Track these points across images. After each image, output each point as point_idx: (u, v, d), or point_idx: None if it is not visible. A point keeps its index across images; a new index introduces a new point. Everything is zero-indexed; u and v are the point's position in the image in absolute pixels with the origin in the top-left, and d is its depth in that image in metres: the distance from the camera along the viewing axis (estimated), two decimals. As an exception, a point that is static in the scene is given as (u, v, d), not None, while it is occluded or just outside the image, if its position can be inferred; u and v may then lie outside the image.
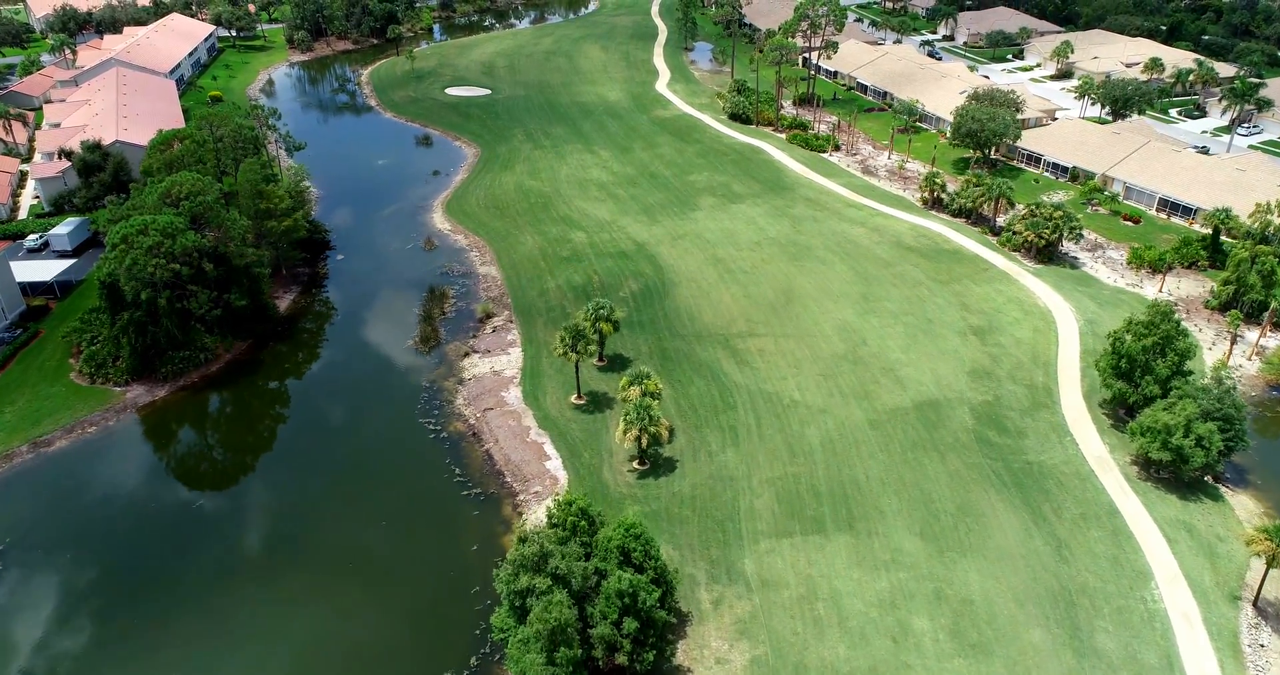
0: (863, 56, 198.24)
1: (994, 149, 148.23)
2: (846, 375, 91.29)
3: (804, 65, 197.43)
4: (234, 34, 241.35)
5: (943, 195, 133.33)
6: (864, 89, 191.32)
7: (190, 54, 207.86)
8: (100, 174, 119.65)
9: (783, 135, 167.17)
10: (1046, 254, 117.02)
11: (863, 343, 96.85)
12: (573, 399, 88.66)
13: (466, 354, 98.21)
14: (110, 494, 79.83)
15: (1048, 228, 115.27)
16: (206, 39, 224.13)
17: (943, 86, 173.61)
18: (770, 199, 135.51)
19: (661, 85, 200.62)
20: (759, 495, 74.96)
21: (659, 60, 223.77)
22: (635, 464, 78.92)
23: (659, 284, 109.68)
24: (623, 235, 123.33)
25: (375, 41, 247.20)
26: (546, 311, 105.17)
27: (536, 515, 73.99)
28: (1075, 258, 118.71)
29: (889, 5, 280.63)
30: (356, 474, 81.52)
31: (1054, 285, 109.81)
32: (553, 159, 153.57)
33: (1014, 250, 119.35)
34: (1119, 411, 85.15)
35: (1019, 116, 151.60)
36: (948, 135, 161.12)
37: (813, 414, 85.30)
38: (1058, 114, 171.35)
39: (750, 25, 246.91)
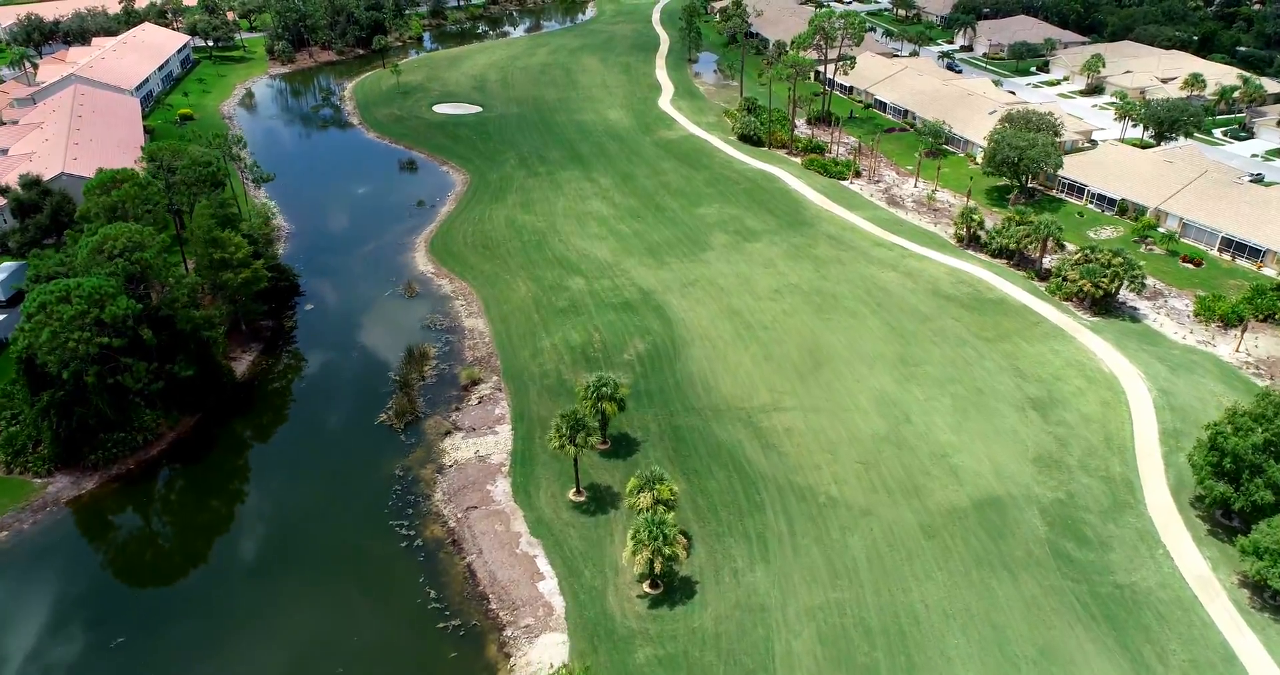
0: (880, 71, 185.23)
1: (1032, 178, 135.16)
2: (890, 463, 78.19)
3: (817, 79, 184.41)
4: (210, 44, 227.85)
5: (980, 232, 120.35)
6: (882, 106, 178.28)
7: (161, 67, 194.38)
8: (37, 216, 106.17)
9: (798, 159, 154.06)
10: (1103, 305, 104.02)
11: (906, 420, 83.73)
12: (571, 495, 75.50)
13: (448, 432, 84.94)
14: (10, 624, 66.55)
15: (1105, 276, 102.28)
16: (180, 50, 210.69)
17: (969, 105, 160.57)
18: (789, 236, 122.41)
19: (665, 102, 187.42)
20: (797, 633, 61.80)
21: (661, 73, 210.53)
22: (646, 587, 65.77)
23: (669, 343, 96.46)
24: (626, 281, 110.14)
25: (361, 52, 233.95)
26: (540, 377, 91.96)
27: (526, 659, 60.85)
28: (1134, 308, 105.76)
29: (901, 14, 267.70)
30: (312, 597, 68.28)
31: (1116, 343, 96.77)
32: (548, 188, 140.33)
33: (1065, 299, 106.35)
34: (1217, 513, 72.17)
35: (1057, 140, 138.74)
36: (977, 160, 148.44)
37: (855, 517, 72.19)
38: (1095, 135, 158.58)
39: (757, 35, 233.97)
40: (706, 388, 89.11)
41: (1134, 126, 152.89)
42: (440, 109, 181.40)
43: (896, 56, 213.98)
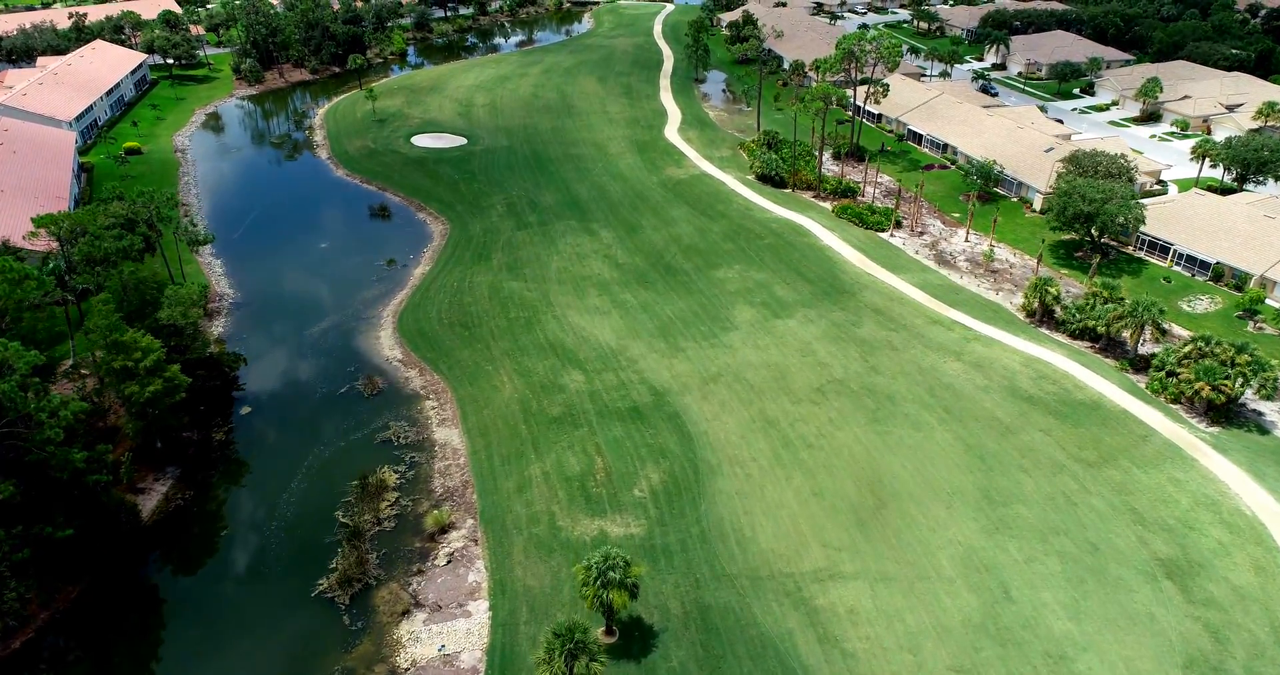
0: (912, 97, 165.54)
1: (1105, 232, 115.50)
2: (993, 670, 58.44)
3: (839, 105, 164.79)
4: (171, 63, 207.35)
5: (1055, 306, 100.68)
6: (917, 138, 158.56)
7: (109, 92, 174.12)
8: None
9: (827, 205, 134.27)
10: (1223, 412, 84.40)
11: (1005, 595, 64.01)
12: (567, 726, 55.73)
13: (406, 611, 64.89)
14: None
15: (1228, 378, 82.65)
16: (135, 71, 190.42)
17: (1020, 140, 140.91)
18: (827, 309, 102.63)
19: (672, 131, 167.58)
20: None
21: (666, 96, 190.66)
22: None
23: (690, 472, 76.57)
24: (634, 376, 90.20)
25: (337, 70, 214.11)
26: (528, 524, 72.05)
27: None
28: (1256, 411, 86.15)
29: (922, 27, 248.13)
30: None
31: (1250, 469, 77.14)
32: (540, 243, 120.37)
33: (1174, 402, 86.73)
34: None
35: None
36: (1034, 206, 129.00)
37: (958, 769, 52.49)
38: (1163, 175, 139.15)
39: (770, 51, 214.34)
40: (741, 541, 69.24)
41: (1212, 167, 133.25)
42: (420, 141, 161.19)
43: (924, 77, 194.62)
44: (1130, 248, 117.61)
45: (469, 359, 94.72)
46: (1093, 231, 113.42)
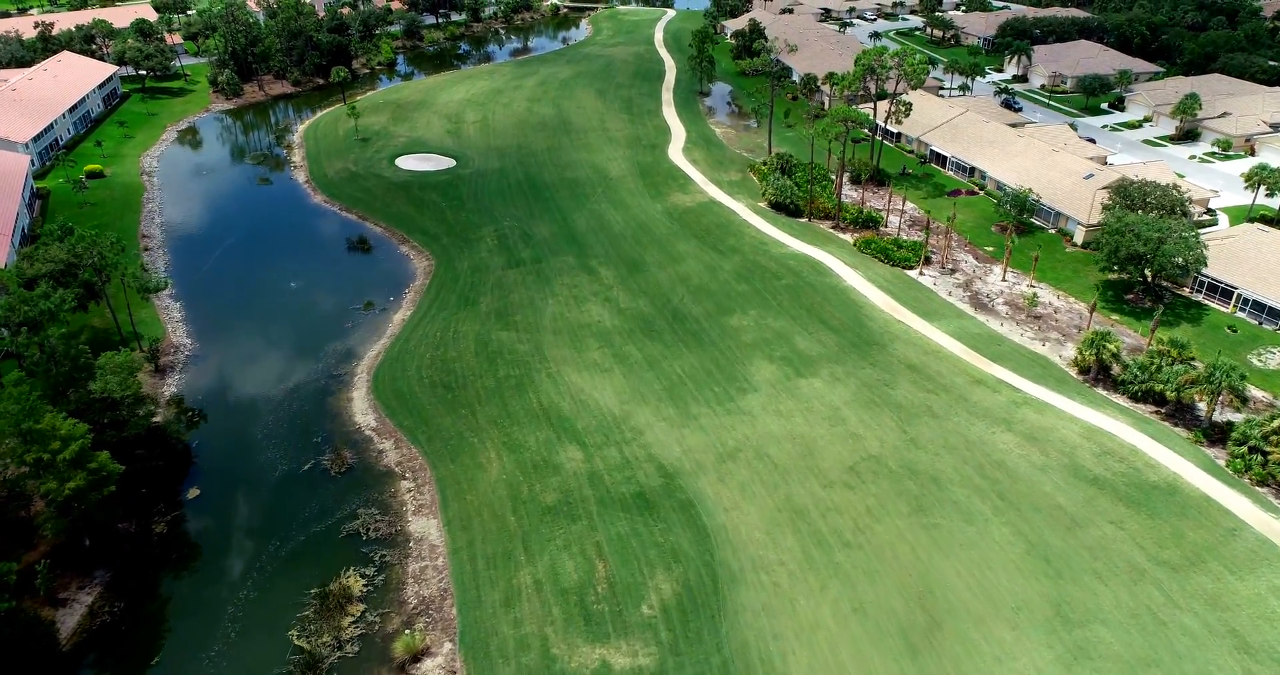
0: (934, 114, 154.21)
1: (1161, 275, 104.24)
2: None
3: (857, 124, 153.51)
4: (144, 74, 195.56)
5: (1114, 363, 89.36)
6: (940, 160, 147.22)
7: (73, 108, 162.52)
8: None
9: (848, 237, 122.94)
10: (1322, 498, 73.20)
11: (1095, 755, 52.78)
12: None
13: (368, 773, 53.68)
14: None
15: (1328, 459, 71.48)
16: (104, 84, 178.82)
17: (1055, 164, 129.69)
18: (855, 365, 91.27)
19: (676, 150, 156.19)
20: None
21: (669, 111, 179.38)
22: None
23: (708, 582, 65.14)
24: (641, 452, 78.79)
25: (321, 82, 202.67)
26: (516, 650, 60.58)
27: None
28: (1357, 494, 75.01)
29: (936, 35, 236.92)
30: None
31: (1362, 573, 66.00)
32: (533, 284, 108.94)
33: (1260, 484, 75.51)
34: None
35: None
36: (1075, 240, 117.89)
37: None
38: (1211, 203, 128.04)
39: (777, 60, 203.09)
40: (771, 676, 57.96)
41: (1269, 195, 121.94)
42: (405, 163, 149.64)
43: (942, 90, 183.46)
44: (1187, 290, 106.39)
45: (451, 428, 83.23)
46: (1146, 272, 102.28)
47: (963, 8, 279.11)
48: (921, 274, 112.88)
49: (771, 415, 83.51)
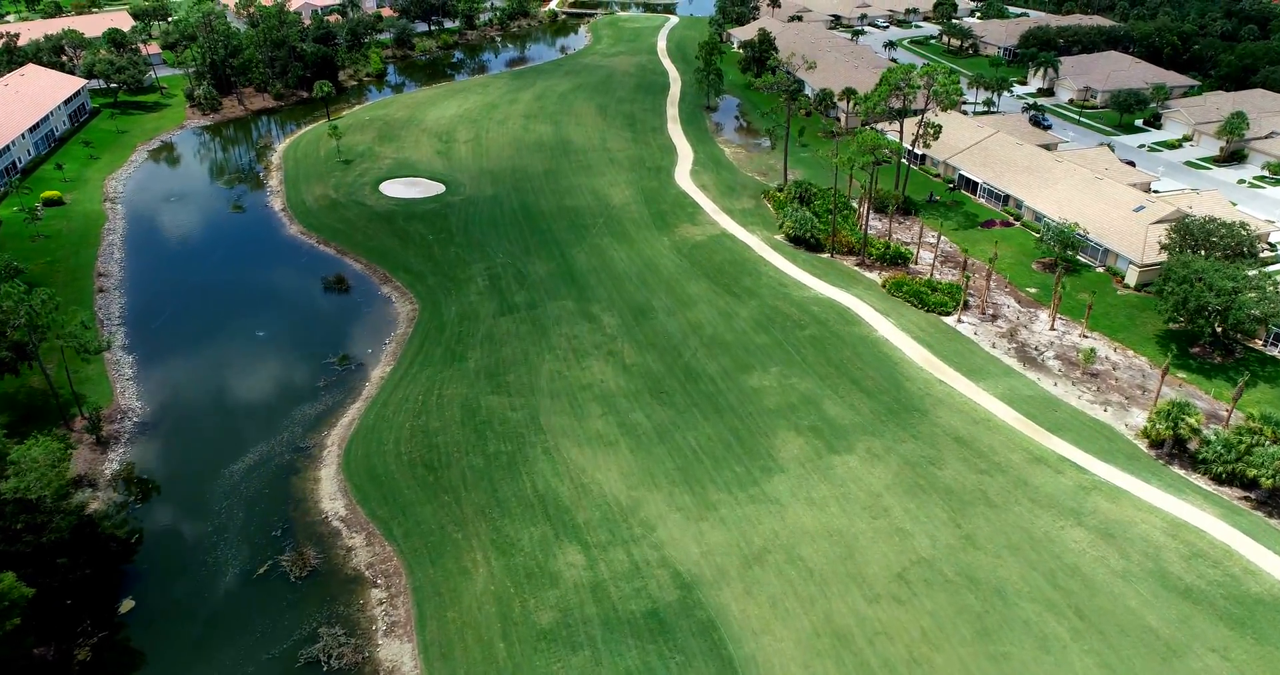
0: (961, 135, 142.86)
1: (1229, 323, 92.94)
2: None
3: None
4: (115, 88, 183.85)
5: (1192, 436, 78.11)
6: (970, 185, 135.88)
7: (34, 127, 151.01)
8: None
9: (875, 275, 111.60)
10: None
11: None
12: None
13: None
14: None
15: None
16: (70, 100, 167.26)
17: (1100, 193, 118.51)
18: (895, 436, 79.99)
19: (683, 173, 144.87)
20: None
21: (675, 128, 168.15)
22: None
23: (737, 738, 53.90)
24: (653, 553, 67.39)
25: (305, 95, 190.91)
26: None
27: None
28: None
29: (954, 44, 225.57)
30: None
31: None
32: (528, 335, 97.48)
33: (1383, 596, 64.26)
34: None
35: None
36: (1127, 282, 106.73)
37: None
38: (1272, 236, 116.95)
39: (789, 73, 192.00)
40: None
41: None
42: (390, 189, 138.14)
43: (966, 106, 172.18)
44: (1259, 342, 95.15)
45: (432, 519, 71.81)
46: (1215, 325, 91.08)
47: (977, 14, 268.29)
48: (960, 321, 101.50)
49: (803, 504, 72.15)
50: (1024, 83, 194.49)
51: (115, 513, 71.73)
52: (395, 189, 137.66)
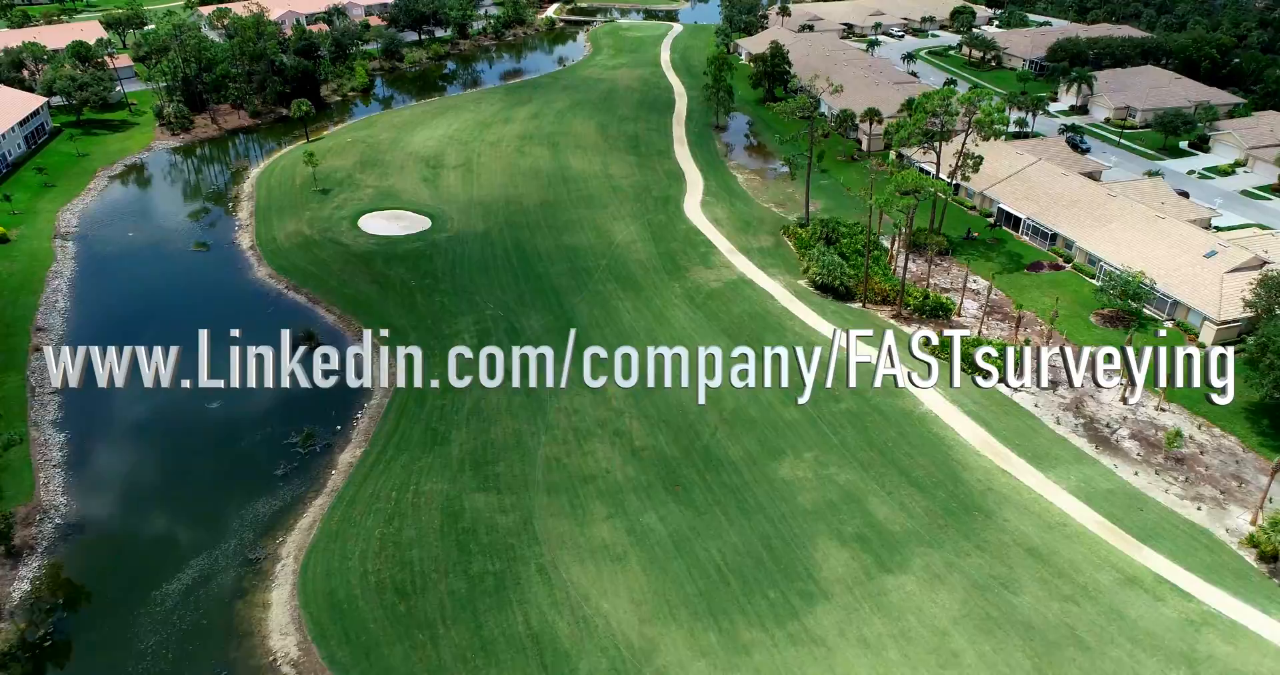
0: (999, 162, 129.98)
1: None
2: None
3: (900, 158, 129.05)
4: (79, 105, 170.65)
5: (1312, 552, 65.42)
6: (1011, 220, 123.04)
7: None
8: None
9: (914, 332, 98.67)
10: None
11: None
12: None
13: None
14: None
15: None
16: (27, 120, 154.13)
17: (1164, 236, 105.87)
18: (958, 549, 67.16)
19: (693, 204, 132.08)
20: None
21: (682, 150, 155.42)
22: None
23: None
24: (673, 721, 54.61)
25: (284, 112, 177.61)
26: None
27: None
28: None
29: (975, 56, 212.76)
30: None
31: None
32: (521, 409, 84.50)
33: None
34: None
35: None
36: (1199, 338, 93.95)
37: None
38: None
39: (805, 90, 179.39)
40: None
41: None
42: (371, 224, 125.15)
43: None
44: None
45: (402, 668, 58.80)
46: (1322, 402, 78.42)
47: (995, 22, 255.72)
48: (1016, 388, 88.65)
49: (854, 646, 59.26)
50: (1054, 99, 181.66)
51: (17, 655, 58.79)
52: (376, 224, 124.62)
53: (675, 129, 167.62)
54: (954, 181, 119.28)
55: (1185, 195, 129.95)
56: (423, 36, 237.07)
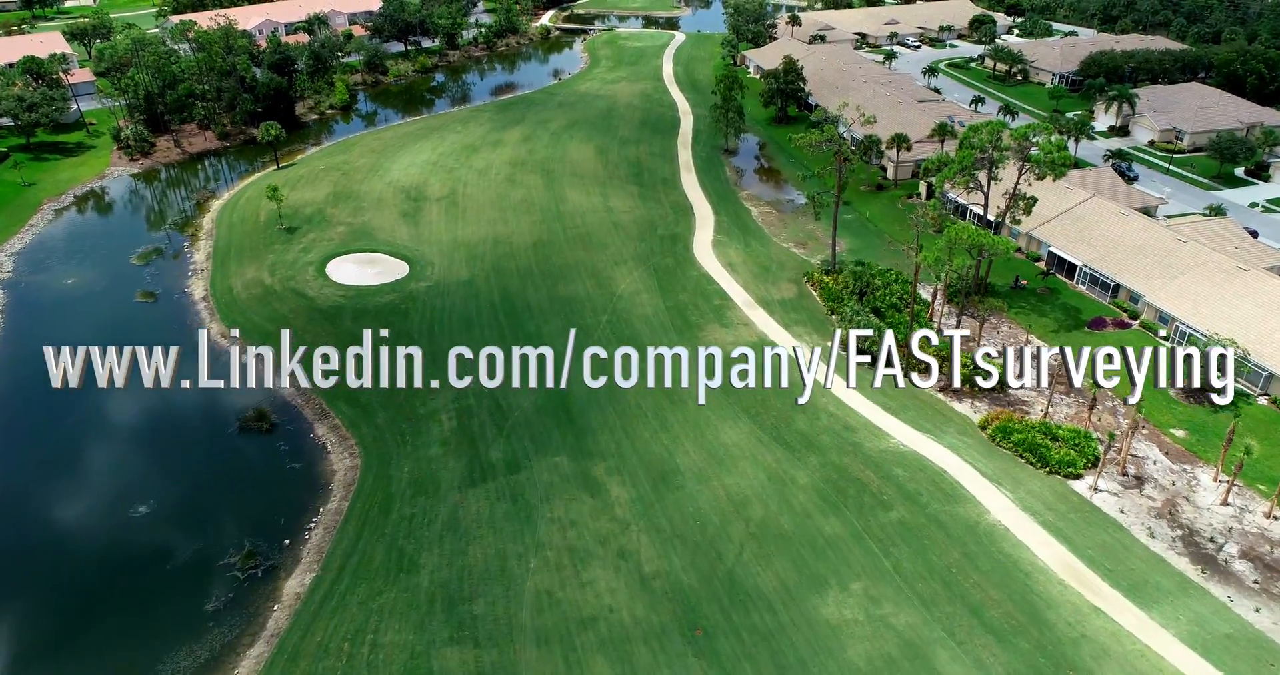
0: (1047, 199, 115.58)
1: None
2: None
3: (931, 194, 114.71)
4: (26, 127, 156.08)
5: None
6: (1063, 266, 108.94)
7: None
8: None
9: (966, 407, 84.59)
10: None
11: None
12: None
13: None
14: None
15: None
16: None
17: (1246, 291, 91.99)
18: (1053, 731, 53.13)
19: (704, 244, 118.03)
20: None
21: (689, 178, 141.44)
22: None
23: None
24: None
25: (255, 134, 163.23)
26: None
27: None
28: None
29: (999, 69, 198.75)
30: None
31: None
32: (506, 522, 70.20)
33: None
34: None
35: None
36: (1306, 421, 79.55)
37: None
38: None
39: (817, 107, 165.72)
40: None
41: None
42: (340, 271, 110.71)
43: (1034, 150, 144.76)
44: None
45: None
46: None
47: (1015, 31, 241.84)
48: (1096, 489, 74.59)
49: None
50: (1090, 118, 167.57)
51: None
52: (346, 271, 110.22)
53: (681, 153, 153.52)
54: (996, 218, 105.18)
55: (1254, 234, 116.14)
56: (409, 47, 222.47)
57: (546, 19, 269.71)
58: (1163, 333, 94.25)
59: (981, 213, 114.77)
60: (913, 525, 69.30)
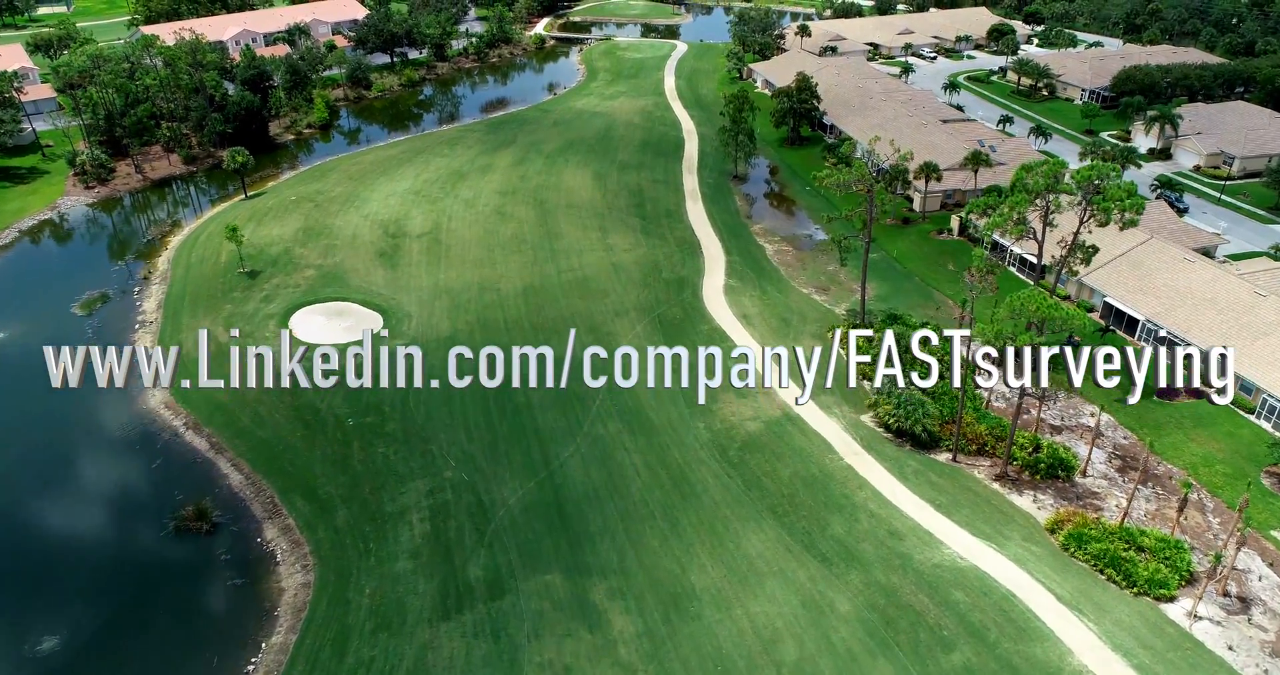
0: (1100, 241, 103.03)
1: None
2: None
3: (960, 229, 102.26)
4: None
5: None
6: (1123, 319, 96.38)
7: None
8: None
9: (1028, 503, 72.16)
10: None
11: None
12: None
13: None
14: None
15: None
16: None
17: (1347, 360, 79.50)
18: None
19: (714, 290, 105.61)
20: None
21: (696, 209, 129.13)
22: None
23: None
24: None
25: (223, 157, 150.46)
26: None
27: None
28: None
29: (1024, 83, 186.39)
30: None
31: None
32: (488, 671, 57.72)
33: None
34: None
35: None
36: None
37: None
38: None
39: (832, 127, 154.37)
40: None
41: None
42: (304, 326, 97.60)
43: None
44: None
45: None
46: None
47: (1035, 41, 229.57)
48: (1194, 617, 62.10)
49: None
50: (1126, 138, 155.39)
51: None
52: (313, 325, 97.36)
53: (686, 178, 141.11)
54: (1050, 268, 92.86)
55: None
56: (394, 59, 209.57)
57: (541, 27, 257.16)
58: (1251, 407, 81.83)
59: (1021, 252, 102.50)
60: (981, 669, 56.75)
